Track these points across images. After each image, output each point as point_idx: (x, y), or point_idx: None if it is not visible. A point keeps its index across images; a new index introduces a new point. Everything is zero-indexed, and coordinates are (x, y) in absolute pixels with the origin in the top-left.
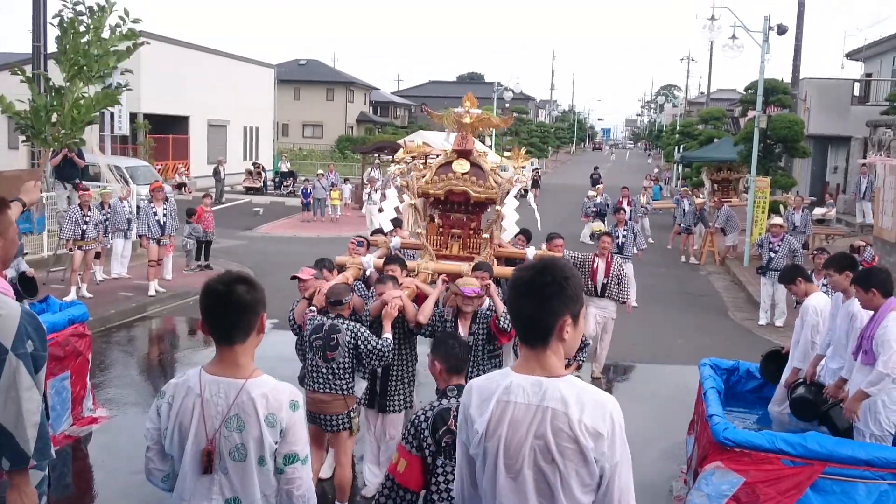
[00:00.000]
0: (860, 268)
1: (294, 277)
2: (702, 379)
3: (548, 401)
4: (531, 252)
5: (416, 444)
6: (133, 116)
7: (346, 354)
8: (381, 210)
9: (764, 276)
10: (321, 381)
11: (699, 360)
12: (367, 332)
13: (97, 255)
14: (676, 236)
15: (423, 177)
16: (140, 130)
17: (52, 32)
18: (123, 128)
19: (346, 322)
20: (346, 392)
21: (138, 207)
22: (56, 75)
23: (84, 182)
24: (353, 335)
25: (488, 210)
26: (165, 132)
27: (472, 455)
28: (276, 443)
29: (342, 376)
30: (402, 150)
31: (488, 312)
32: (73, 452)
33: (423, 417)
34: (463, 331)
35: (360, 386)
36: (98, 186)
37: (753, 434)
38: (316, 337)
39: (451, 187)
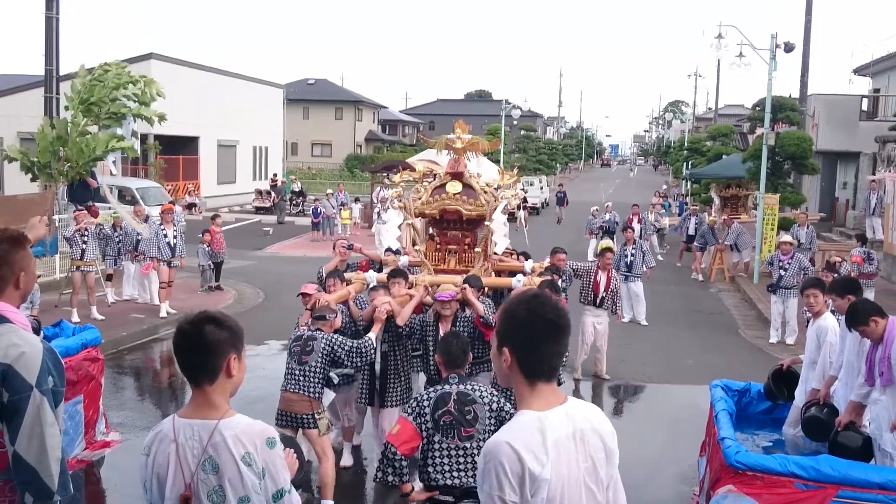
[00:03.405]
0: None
1: (300, 294)
2: (713, 401)
3: (578, 424)
4: (528, 265)
5: (413, 413)
6: (144, 137)
7: (319, 360)
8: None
9: (774, 294)
10: (293, 381)
11: (710, 379)
12: (343, 338)
13: (108, 278)
14: (685, 254)
15: (420, 198)
16: (151, 151)
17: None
18: (135, 149)
19: (327, 334)
20: (312, 395)
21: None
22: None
23: (96, 204)
24: (328, 343)
25: (481, 227)
26: (176, 153)
27: None
28: (259, 481)
29: (312, 379)
30: (398, 174)
31: (467, 316)
32: (85, 477)
33: (426, 396)
34: (443, 332)
35: (328, 397)
36: (108, 209)
37: (766, 457)
38: (295, 344)
39: (445, 206)
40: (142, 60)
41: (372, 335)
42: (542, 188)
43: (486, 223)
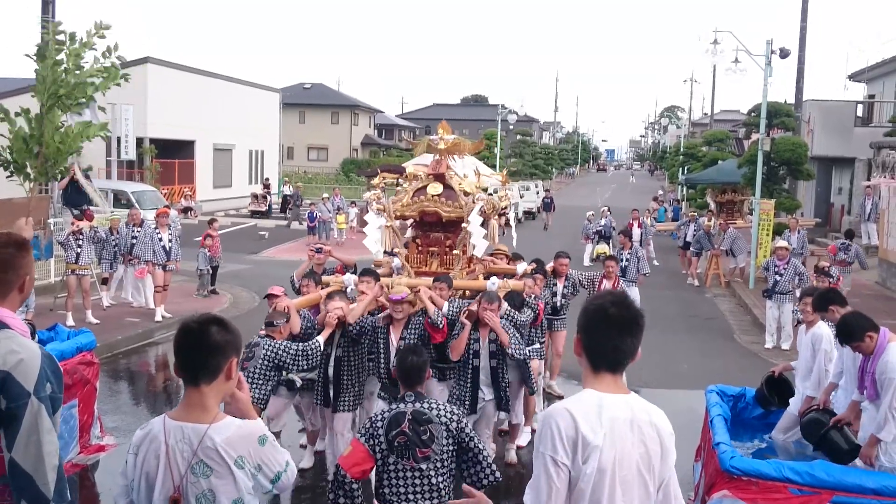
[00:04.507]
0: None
1: (267, 296)
2: (708, 406)
3: (637, 413)
4: (521, 268)
5: (366, 435)
6: (139, 141)
7: (259, 366)
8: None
9: (770, 300)
10: None
11: (706, 384)
12: (287, 343)
13: (104, 281)
14: (692, 260)
15: (401, 200)
16: (146, 155)
17: (30, 63)
18: (130, 153)
19: (271, 341)
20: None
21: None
22: (33, 105)
23: (91, 208)
24: (271, 349)
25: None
26: (171, 156)
27: (585, 475)
28: (251, 480)
29: (252, 386)
30: (378, 177)
31: (419, 319)
32: (80, 481)
33: (380, 417)
34: (395, 336)
35: (276, 404)
36: (103, 211)
37: (761, 462)
38: (242, 351)
39: (423, 208)
40: (138, 64)
41: (320, 338)
42: (538, 193)
43: (463, 225)
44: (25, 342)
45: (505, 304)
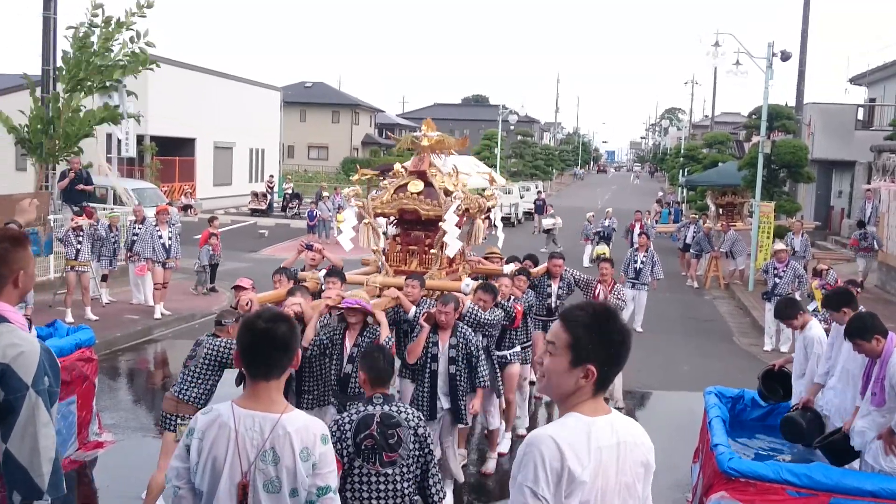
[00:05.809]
0: (828, 292)
1: (234, 287)
2: (707, 407)
3: (621, 436)
4: (508, 268)
5: (333, 438)
6: (140, 138)
7: (200, 364)
8: (339, 231)
9: (769, 302)
10: (176, 382)
11: (705, 386)
12: (230, 340)
13: (104, 278)
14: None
15: (382, 198)
16: (147, 152)
17: (62, 44)
18: (130, 150)
19: (214, 339)
20: (182, 397)
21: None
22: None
23: (91, 205)
24: (213, 348)
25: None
26: (172, 154)
27: None
28: (308, 476)
29: (187, 383)
30: (358, 173)
31: (376, 329)
32: (78, 477)
33: (347, 419)
34: (349, 342)
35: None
36: (104, 209)
37: (758, 464)
38: (192, 349)
39: (403, 206)
40: None
41: None
42: (538, 193)
43: (440, 224)
44: (25, 336)
45: (468, 303)
